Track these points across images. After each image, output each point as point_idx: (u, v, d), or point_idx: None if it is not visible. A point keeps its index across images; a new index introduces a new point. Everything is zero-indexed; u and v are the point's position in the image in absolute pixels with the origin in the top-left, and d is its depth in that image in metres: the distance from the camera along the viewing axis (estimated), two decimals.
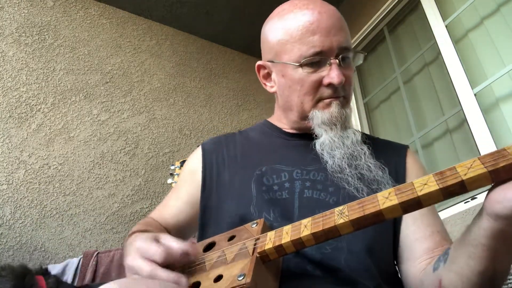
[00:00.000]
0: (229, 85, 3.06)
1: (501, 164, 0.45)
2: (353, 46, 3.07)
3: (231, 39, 3.12)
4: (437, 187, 0.47)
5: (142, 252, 0.55)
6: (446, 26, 2.17)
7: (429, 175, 0.49)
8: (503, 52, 1.88)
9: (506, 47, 1.88)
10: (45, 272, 1.44)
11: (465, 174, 0.46)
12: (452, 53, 2.08)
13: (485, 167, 0.46)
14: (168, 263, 0.55)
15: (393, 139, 0.92)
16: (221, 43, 3.17)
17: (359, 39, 2.82)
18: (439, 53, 2.18)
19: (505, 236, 0.50)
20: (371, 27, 2.73)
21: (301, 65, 0.75)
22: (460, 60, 2.04)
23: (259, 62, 0.86)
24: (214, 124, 2.81)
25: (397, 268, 0.77)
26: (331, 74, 0.74)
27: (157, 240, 0.58)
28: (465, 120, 1.95)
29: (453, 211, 1.81)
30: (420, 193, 0.48)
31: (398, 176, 0.78)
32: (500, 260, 0.53)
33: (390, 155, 0.81)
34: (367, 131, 2.63)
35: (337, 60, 0.75)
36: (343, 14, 0.80)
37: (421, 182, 0.49)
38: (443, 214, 1.83)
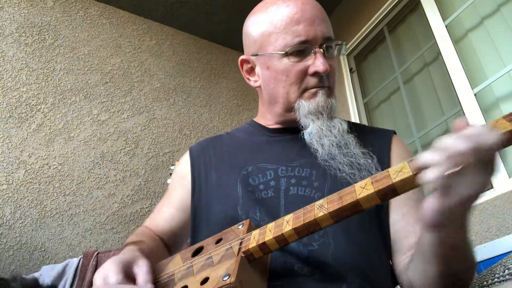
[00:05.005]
0: (229, 85, 3.06)
1: None
2: (353, 46, 3.05)
3: (231, 39, 3.12)
4: (410, 174, 0.47)
5: (104, 277, 0.56)
6: (446, 26, 2.17)
7: (404, 162, 0.50)
8: (503, 52, 1.88)
9: (506, 47, 1.88)
10: None
11: None
12: (452, 53, 2.08)
13: None
14: None
15: None
16: (221, 43, 3.17)
17: (359, 39, 2.82)
18: (439, 53, 2.18)
19: (448, 244, 0.51)
20: (371, 27, 2.73)
21: (286, 54, 0.75)
22: (460, 60, 2.04)
23: (242, 57, 0.85)
24: (214, 124, 2.81)
25: (390, 261, 0.77)
26: (316, 62, 0.75)
27: (129, 267, 0.58)
28: None
29: None
30: (394, 181, 0.48)
31: (383, 162, 0.78)
32: (454, 264, 0.54)
33: (375, 142, 0.81)
34: None
35: (321, 49, 0.76)
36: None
37: (396, 169, 0.50)
38: None
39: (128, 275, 0.57)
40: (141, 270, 0.58)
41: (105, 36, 2.60)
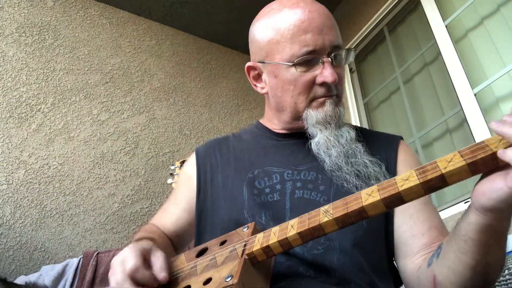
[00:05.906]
0: (229, 85, 3.06)
1: (479, 157, 0.45)
2: (353, 46, 3.07)
3: (231, 39, 3.12)
4: (417, 182, 0.47)
5: (123, 259, 0.58)
6: (446, 26, 2.17)
7: (411, 170, 0.50)
8: (503, 52, 1.88)
9: (506, 47, 1.88)
10: None
11: (444, 168, 0.47)
12: (452, 53, 2.08)
13: (464, 160, 0.46)
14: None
15: None
16: (221, 43, 3.17)
17: (359, 39, 2.82)
18: (439, 53, 2.18)
19: (493, 230, 0.50)
20: (371, 27, 2.73)
21: (294, 65, 0.74)
22: (460, 60, 2.04)
23: (248, 63, 0.85)
24: (214, 124, 2.81)
25: (395, 264, 0.77)
26: (325, 72, 0.74)
27: (147, 255, 0.60)
28: (465, 120, 1.95)
29: (453, 211, 1.81)
30: (401, 189, 0.48)
31: (390, 168, 0.77)
32: (491, 253, 0.53)
33: (382, 147, 0.81)
34: None
35: (329, 59, 0.74)
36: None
37: (402, 177, 0.50)
38: (443, 214, 1.83)
39: (145, 262, 0.59)
40: (158, 260, 0.60)
41: (105, 36, 2.60)
